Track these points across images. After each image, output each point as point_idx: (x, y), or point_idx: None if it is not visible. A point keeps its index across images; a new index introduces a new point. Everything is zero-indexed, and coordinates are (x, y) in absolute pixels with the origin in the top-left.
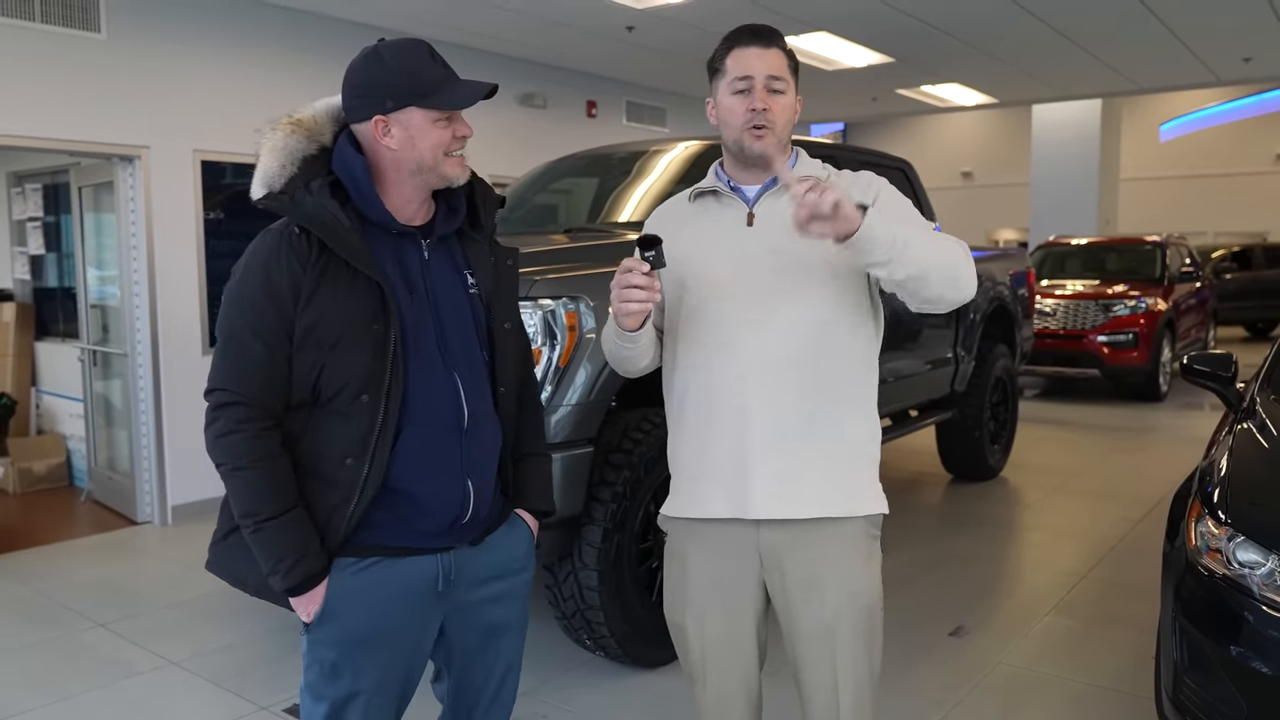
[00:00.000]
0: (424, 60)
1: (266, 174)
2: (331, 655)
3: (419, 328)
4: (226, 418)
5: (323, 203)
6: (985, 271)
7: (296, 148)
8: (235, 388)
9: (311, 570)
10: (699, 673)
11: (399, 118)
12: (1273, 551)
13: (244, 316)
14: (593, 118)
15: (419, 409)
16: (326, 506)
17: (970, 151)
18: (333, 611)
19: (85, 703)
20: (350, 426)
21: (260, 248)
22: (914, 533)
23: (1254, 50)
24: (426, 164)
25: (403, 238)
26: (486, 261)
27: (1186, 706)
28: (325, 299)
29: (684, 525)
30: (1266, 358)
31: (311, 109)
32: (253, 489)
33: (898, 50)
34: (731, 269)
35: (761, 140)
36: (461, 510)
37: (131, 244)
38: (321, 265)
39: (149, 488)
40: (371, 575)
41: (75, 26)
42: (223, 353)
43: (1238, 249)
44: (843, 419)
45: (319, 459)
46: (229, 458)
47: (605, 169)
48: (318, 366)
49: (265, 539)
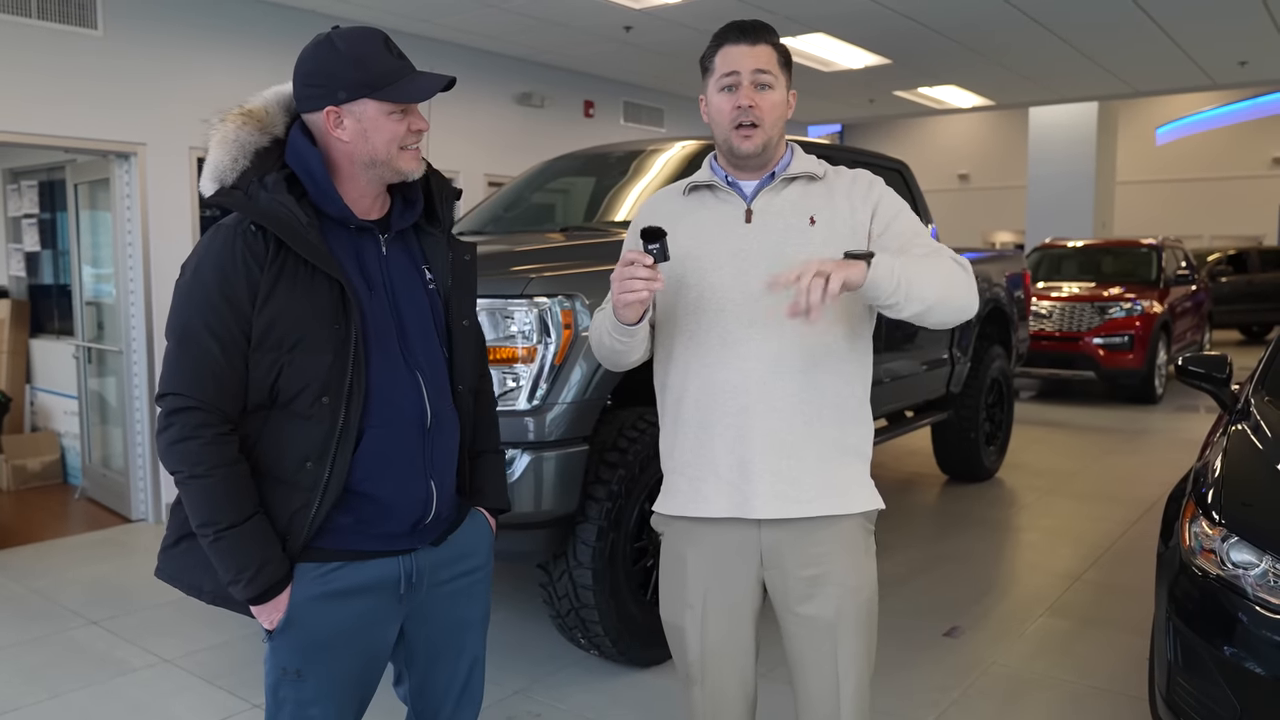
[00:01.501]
0: (379, 49)
1: (218, 168)
2: (295, 661)
3: (380, 326)
4: (181, 423)
5: (278, 198)
6: (982, 273)
7: (248, 140)
8: (190, 391)
9: (274, 579)
10: (697, 674)
11: (351, 109)
12: (1266, 552)
13: (199, 316)
14: (590, 118)
15: (381, 409)
16: (287, 511)
17: (967, 154)
18: (296, 619)
19: (78, 700)
20: (310, 429)
21: (213, 244)
22: (909, 533)
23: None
24: (380, 158)
25: (361, 233)
26: (444, 257)
27: (1180, 707)
28: (283, 298)
29: (683, 525)
30: (1261, 359)
31: (261, 98)
32: (210, 497)
33: (895, 52)
34: (731, 267)
35: (750, 140)
36: (425, 511)
37: (127, 241)
38: (279, 264)
39: (143, 485)
40: (333, 581)
41: (72, 23)
42: (176, 355)
43: (1233, 252)
44: (840, 418)
45: (277, 463)
46: (185, 465)
47: (602, 168)
48: (276, 368)
49: (225, 548)
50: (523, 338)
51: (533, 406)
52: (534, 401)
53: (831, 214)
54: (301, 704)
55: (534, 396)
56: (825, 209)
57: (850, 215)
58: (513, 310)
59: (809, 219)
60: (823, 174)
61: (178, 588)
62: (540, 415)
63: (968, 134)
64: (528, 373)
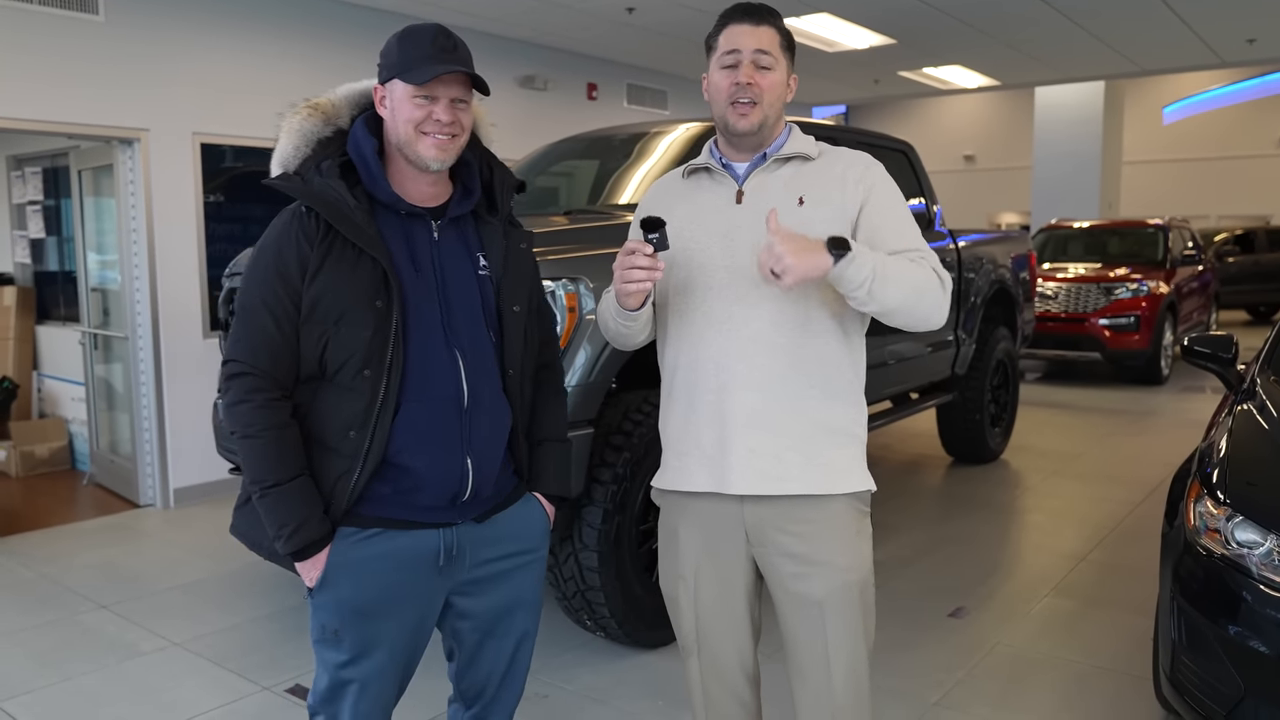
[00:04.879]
0: (423, 40)
1: (283, 155)
2: (333, 622)
3: (423, 306)
4: (237, 388)
5: (330, 183)
6: (987, 254)
7: (311, 130)
8: (247, 359)
9: (312, 537)
10: (692, 645)
11: (388, 89)
12: (1271, 531)
13: (257, 291)
14: (593, 100)
15: (418, 385)
16: (331, 476)
17: (972, 134)
18: (333, 579)
19: (88, 683)
20: (353, 400)
21: (275, 226)
22: (914, 515)
23: (1258, 31)
24: (402, 138)
25: (411, 218)
26: (500, 245)
27: (1184, 685)
28: (330, 275)
29: (674, 499)
30: (1267, 339)
31: (331, 94)
32: (261, 456)
33: (900, 32)
34: (719, 247)
35: (746, 118)
36: (461, 486)
37: (131, 227)
38: (328, 243)
39: (150, 471)
40: (371, 546)
41: (73, 9)
42: (238, 326)
43: (1240, 232)
44: (826, 398)
45: (324, 430)
46: (239, 425)
47: (606, 151)
48: (323, 340)
49: (270, 504)
50: None
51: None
52: None
53: (822, 195)
54: (339, 664)
55: None
56: (816, 190)
57: (841, 198)
58: None
59: (798, 199)
60: (816, 154)
61: (246, 543)
62: None
63: (973, 114)
64: None
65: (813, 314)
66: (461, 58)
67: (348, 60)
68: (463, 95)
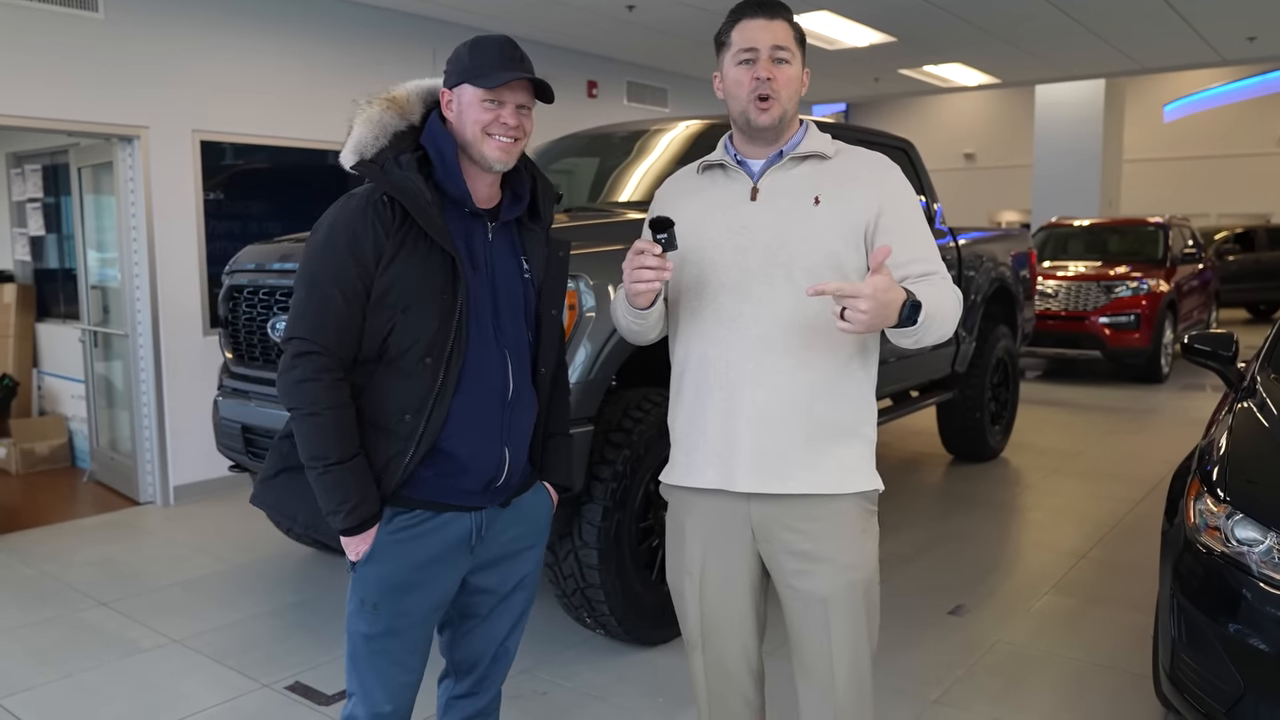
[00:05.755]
0: (492, 48)
1: (359, 143)
2: (373, 595)
3: (479, 303)
4: (305, 365)
5: (410, 175)
6: (987, 253)
7: (390, 122)
8: (315, 337)
9: (368, 514)
10: (697, 639)
11: (456, 93)
12: (1271, 529)
13: (329, 270)
14: (593, 98)
15: (472, 377)
16: (384, 456)
17: (973, 132)
18: (378, 555)
19: (89, 680)
20: (412, 385)
21: (346, 209)
22: (914, 513)
23: (1258, 29)
24: (468, 138)
25: (473, 217)
26: (541, 251)
27: (1184, 683)
28: (403, 264)
29: (681, 495)
30: (1268, 337)
31: (404, 89)
32: (324, 434)
33: (900, 29)
34: (731, 244)
35: (767, 113)
36: (497, 473)
37: (131, 225)
38: (403, 233)
39: (150, 468)
40: (415, 527)
41: (73, 6)
42: (304, 303)
43: (1240, 231)
44: (835, 398)
45: (380, 412)
46: (305, 403)
47: (606, 149)
48: (389, 326)
49: (330, 481)
50: None
51: None
52: None
53: (837, 196)
54: (374, 635)
55: None
56: (832, 189)
57: (858, 199)
58: None
59: (814, 199)
60: (833, 153)
61: (271, 515)
62: None
63: (973, 112)
64: None
65: (823, 313)
66: (528, 67)
67: (348, 58)
68: (527, 101)
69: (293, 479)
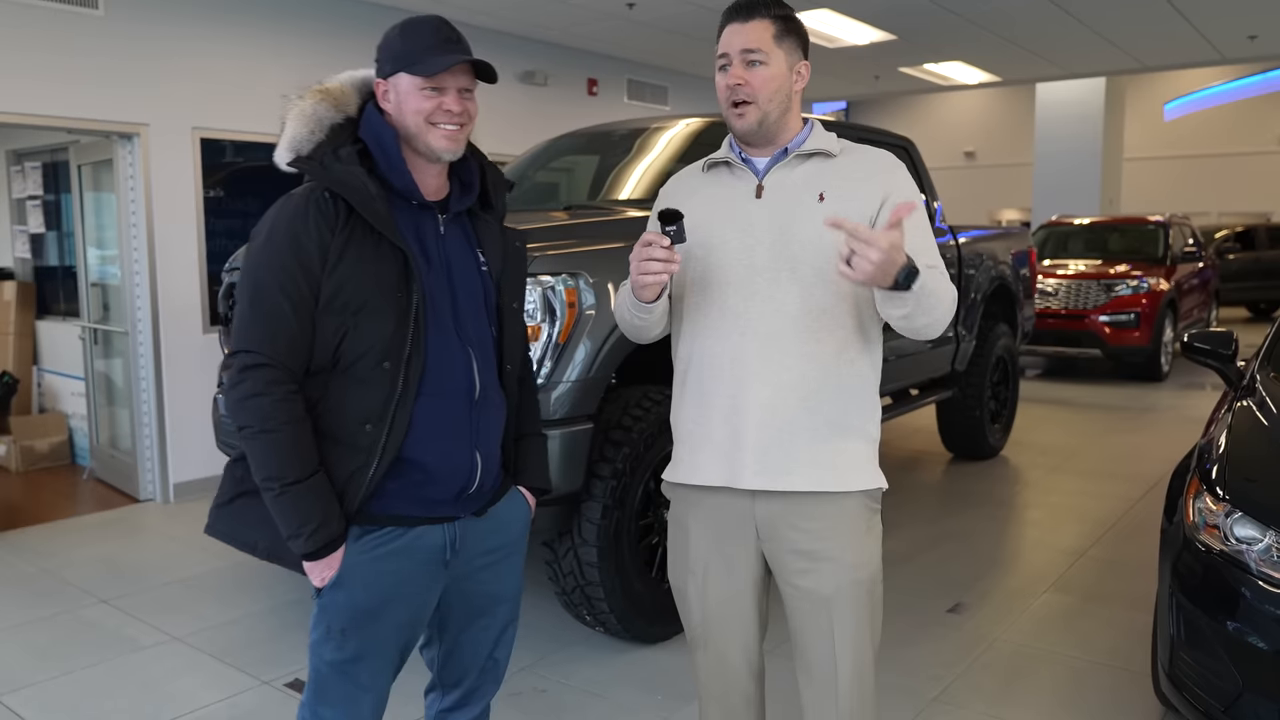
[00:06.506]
0: (426, 32)
1: (294, 140)
2: (341, 620)
3: (437, 300)
4: (255, 380)
5: (351, 169)
6: (987, 251)
7: (325, 115)
8: (264, 349)
9: (332, 535)
10: (700, 638)
11: (392, 83)
12: (1270, 527)
13: (273, 276)
14: (594, 96)
15: (435, 379)
16: (345, 471)
17: (973, 131)
18: (345, 579)
19: (89, 677)
20: (370, 393)
21: (285, 210)
22: (913, 511)
23: (1259, 28)
24: (411, 130)
25: (422, 210)
26: (497, 242)
27: (1182, 681)
28: (351, 264)
29: (684, 492)
30: (1267, 336)
31: (337, 80)
32: (279, 452)
33: (901, 27)
34: (736, 241)
35: (743, 118)
36: (468, 481)
37: (131, 222)
38: (349, 230)
39: (150, 465)
40: (384, 544)
41: (73, 3)
42: (250, 314)
43: (1241, 229)
44: (840, 396)
45: (338, 424)
46: (256, 420)
47: (606, 146)
48: (341, 331)
49: (288, 503)
50: (527, 316)
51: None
52: (538, 380)
53: (842, 193)
54: (344, 662)
55: (538, 375)
56: (837, 187)
57: (863, 196)
58: None
59: (818, 196)
60: (838, 151)
61: (231, 544)
62: (545, 394)
63: (974, 111)
64: (532, 351)
65: (829, 311)
66: (465, 47)
67: (347, 55)
68: (469, 84)
69: (249, 504)
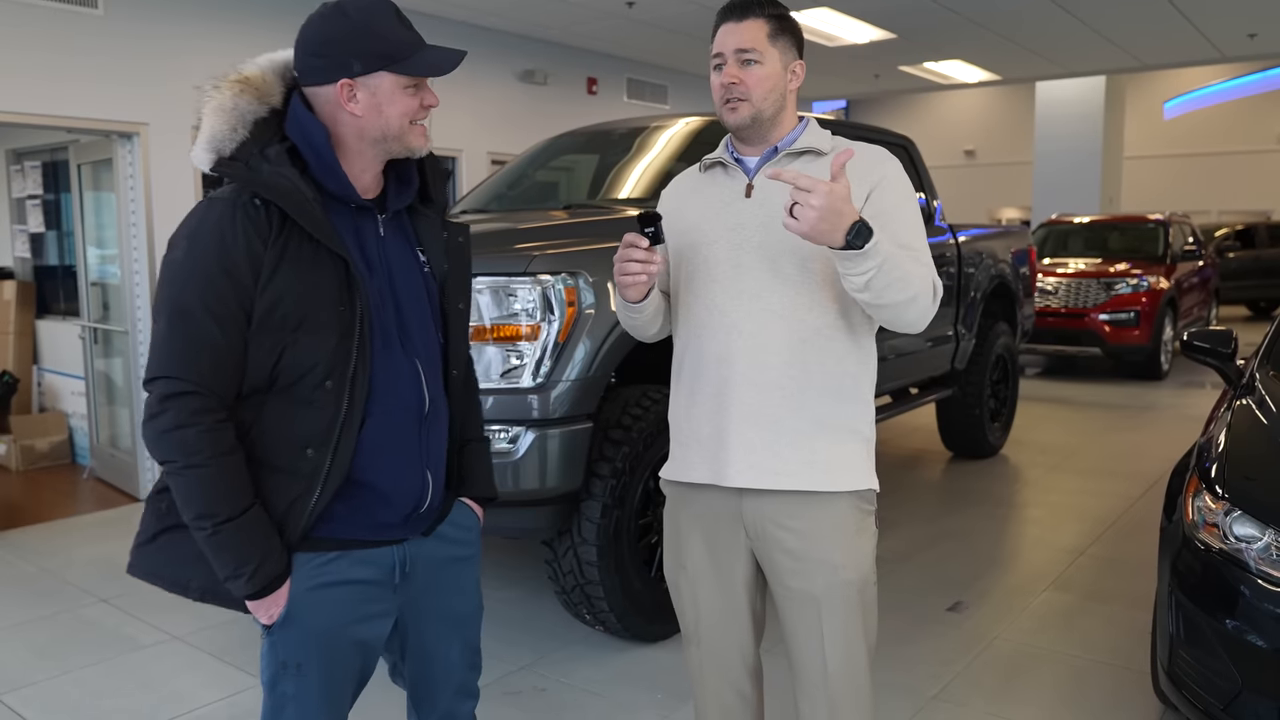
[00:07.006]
0: (391, 21)
1: (214, 138)
2: (296, 655)
3: (380, 310)
4: (178, 409)
5: (282, 171)
6: (987, 249)
7: (247, 109)
8: (185, 375)
9: (274, 573)
10: (693, 634)
11: (367, 82)
12: (1269, 526)
13: (195, 293)
14: (593, 95)
15: (383, 396)
16: (284, 500)
17: (973, 129)
18: (295, 613)
19: (89, 676)
20: (312, 415)
21: (208, 217)
22: (913, 510)
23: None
24: (392, 132)
25: (360, 212)
26: (438, 237)
27: (1182, 679)
28: (288, 276)
29: (677, 489)
30: (1267, 334)
31: (257, 65)
32: (208, 488)
33: (900, 26)
34: (726, 240)
35: (736, 113)
36: (419, 501)
37: (131, 221)
38: (283, 239)
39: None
40: (331, 571)
41: (73, 3)
42: (168, 335)
43: (1241, 228)
44: (829, 395)
45: (275, 450)
46: (180, 454)
47: (605, 145)
48: (278, 350)
49: (223, 542)
50: (526, 316)
51: (537, 384)
52: (538, 379)
53: None
54: (303, 697)
55: (538, 374)
56: None
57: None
58: (516, 288)
59: None
60: (829, 148)
61: (157, 585)
62: (544, 393)
63: (974, 109)
64: (531, 351)
65: (817, 310)
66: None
67: None
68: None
69: (177, 539)
